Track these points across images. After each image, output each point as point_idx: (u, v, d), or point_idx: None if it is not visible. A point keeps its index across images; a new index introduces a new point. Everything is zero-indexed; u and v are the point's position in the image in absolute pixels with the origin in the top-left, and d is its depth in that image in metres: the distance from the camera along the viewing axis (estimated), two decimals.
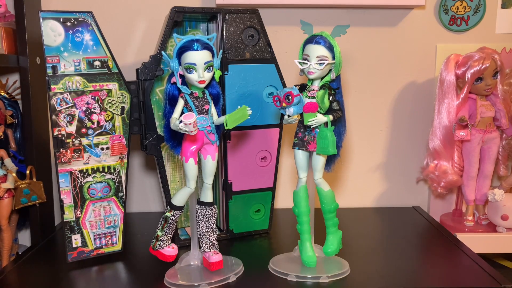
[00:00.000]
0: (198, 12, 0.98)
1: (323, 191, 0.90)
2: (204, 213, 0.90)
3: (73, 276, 0.91)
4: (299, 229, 0.92)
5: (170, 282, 0.85)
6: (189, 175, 0.86)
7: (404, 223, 1.21)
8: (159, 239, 0.89)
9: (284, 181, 1.34)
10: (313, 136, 0.87)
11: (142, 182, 1.32)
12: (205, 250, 0.90)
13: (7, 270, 0.94)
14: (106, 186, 0.95)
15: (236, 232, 1.09)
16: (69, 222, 0.93)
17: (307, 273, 0.87)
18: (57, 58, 0.87)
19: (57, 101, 0.88)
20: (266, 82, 1.04)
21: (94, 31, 0.89)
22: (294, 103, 0.83)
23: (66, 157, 0.90)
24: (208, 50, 0.82)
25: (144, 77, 0.94)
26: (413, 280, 0.87)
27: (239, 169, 1.06)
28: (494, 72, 1.12)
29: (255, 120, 1.04)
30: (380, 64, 1.31)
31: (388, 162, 1.36)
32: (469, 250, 1.00)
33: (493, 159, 1.19)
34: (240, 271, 0.90)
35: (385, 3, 1.21)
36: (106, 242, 0.97)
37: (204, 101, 0.85)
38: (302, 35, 1.27)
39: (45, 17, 0.86)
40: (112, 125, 0.93)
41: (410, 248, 1.03)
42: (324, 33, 0.85)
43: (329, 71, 0.87)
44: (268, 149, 1.07)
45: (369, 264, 0.95)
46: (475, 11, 1.28)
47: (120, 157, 0.95)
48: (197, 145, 0.86)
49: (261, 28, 1.02)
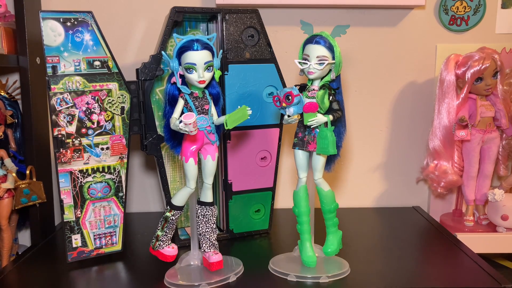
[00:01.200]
0: (198, 12, 0.98)
1: (323, 191, 0.90)
2: (204, 213, 0.90)
3: (73, 276, 0.91)
4: (299, 229, 0.92)
5: (170, 282, 0.85)
6: (189, 175, 0.86)
7: (404, 223, 1.21)
8: (159, 239, 0.89)
9: (284, 181, 1.34)
10: (313, 136, 0.87)
11: (142, 182, 1.32)
12: (205, 250, 0.90)
13: (7, 270, 0.94)
14: (106, 186, 0.95)
15: (236, 232, 1.09)
16: (69, 222, 0.93)
17: (307, 273, 0.87)
18: (57, 58, 0.87)
19: (57, 101, 0.88)
20: (266, 82, 1.04)
21: (94, 31, 0.89)
22: (294, 103, 0.83)
23: (66, 157, 0.90)
24: (208, 50, 0.82)
25: (144, 77, 0.94)
26: (413, 280, 0.87)
27: (239, 169, 1.06)
28: (494, 72, 1.12)
29: (255, 120, 1.04)
30: (380, 64, 1.31)
31: (388, 162, 1.36)
32: (469, 250, 1.00)
33: (493, 159, 1.19)
34: (240, 271, 0.90)
35: (385, 3, 1.21)
36: (106, 242, 0.97)
37: (204, 101, 0.85)
38: (302, 35, 1.27)
39: (45, 17, 0.86)
40: (112, 125, 0.93)
41: (410, 248, 1.03)
42: (324, 33, 0.85)
43: (329, 71, 0.87)
44: (268, 149, 1.07)
45: (369, 264, 0.95)
46: (475, 11, 1.28)
47: (120, 157, 0.95)
48: (197, 145, 0.86)
49: (261, 28, 1.02)
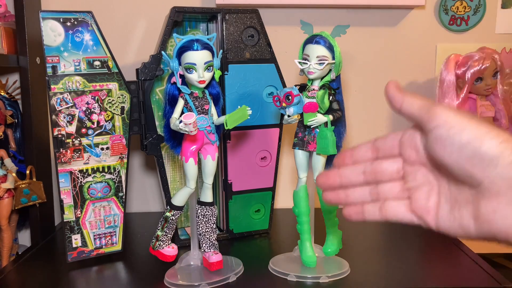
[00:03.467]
0: (198, 12, 0.98)
1: None
2: (204, 213, 0.90)
3: (73, 276, 0.91)
4: (299, 229, 0.92)
5: (170, 282, 0.85)
6: (189, 175, 0.86)
7: (404, 223, 1.20)
8: (159, 239, 0.89)
9: (284, 181, 1.34)
10: (313, 136, 0.87)
11: (142, 182, 1.32)
12: (205, 250, 0.90)
13: (7, 270, 0.94)
14: (106, 186, 0.95)
15: (236, 232, 1.09)
16: (69, 222, 0.93)
17: (307, 273, 0.87)
18: (57, 58, 0.87)
19: (57, 101, 0.88)
20: (266, 82, 1.04)
21: (94, 31, 0.89)
22: (294, 103, 0.83)
23: (66, 157, 0.90)
24: (208, 50, 0.82)
25: (144, 77, 0.94)
26: (413, 280, 0.87)
27: (239, 169, 1.06)
28: (494, 72, 1.12)
29: (255, 120, 1.04)
30: (380, 64, 1.31)
31: None
32: (469, 250, 1.00)
33: None
34: (240, 271, 0.90)
35: (385, 3, 1.21)
36: (106, 242, 0.97)
37: (204, 101, 0.85)
38: (302, 35, 1.27)
39: (45, 17, 0.86)
40: (112, 125, 0.93)
41: (410, 248, 1.03)
42: (324, 33, 0.85)
43: (329, 71, 0.87)
44: (268, 149, 1.07)
45: (369, 264, 0.95)
46: (475, 11, 1.28)
47: (120, 157, 0.95)
48: (197, 145, 0.86)
49: (261, 28, 1.02)
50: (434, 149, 0.38)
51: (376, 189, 0.46)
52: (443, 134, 0.37)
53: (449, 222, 0.40)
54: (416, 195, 0.43)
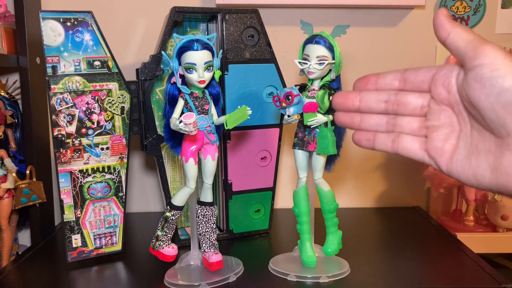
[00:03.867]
0: (198, 12, 0.98)
1: (323, 191, 0.90)
2: (204, 213, 0.90)
3: (73, 276, 0.91)
4: (299, 229, 0.92)
5: (170, 282, 0.85)
6: (189, 175, 0.86)
7: (404, 223, 1.21)
8: (159, 239, 0.89)
9: (284, 181, 1.34)
10: (313, 136, 0.87)
11: (142, 182, 1.32)
12: (205, 250, 0.90)
13: (7, 270, 0.94)
14: (106, 186, 0.95)
15: (236, 232, 1.09)
16: (69, 222, 0.93)
17: (307, 273, 0.87)
18: (57, 58, 0.87)
19: (57, 101, 0.88)
20: (266, 82, 1.04)
21: (94, 31, 0.89)
22: (294, 103, 0.83)
23: (66, 157, 0.90)
24: (208, 50, 0.82)
25: (144, 77, 0.94)
26: (413, 280, 0.87)
27: (239, 169, 1.06)
28: None
29: (255, 120, 1.04)
30: (380, 64, 1.31)
31: (388, 162, 1.36)
32: (469, 250, 1.00)
33: None
34: (240, 271, 0.90)
35: (385, 3, 1.21)
36: (106, 242, 0.97)
37: (204, 101, 0.85)
38: (302, 35, 1.26)
39: (45, 17, 0.86)
40: (112, 125, 0.93)
41: (410, 248, 1.03)
42: (324, 33, 0.86)
43: (329, 71, 0.87)
44: (268, 149, 1.07)
45: (369, 264, 0.95)
46: (475, 11, 1.28)
47: (120, 157, 0.95)
48: (197, 145, 0.86)
49: (261, 28, 1.02)
50: (472, 88, 0.36)
51: (394, 120, 0.45)
52: (485, 74, 0.35)
53: (462, 168, 0.39)
54: (434, 135, 0.41)
